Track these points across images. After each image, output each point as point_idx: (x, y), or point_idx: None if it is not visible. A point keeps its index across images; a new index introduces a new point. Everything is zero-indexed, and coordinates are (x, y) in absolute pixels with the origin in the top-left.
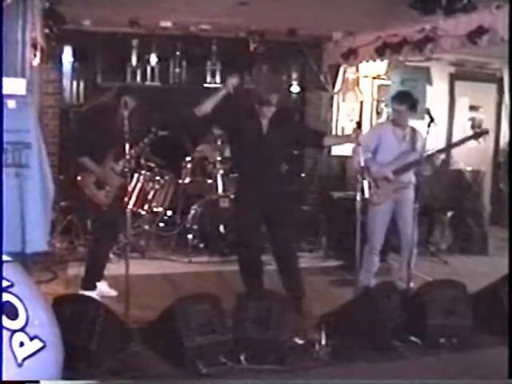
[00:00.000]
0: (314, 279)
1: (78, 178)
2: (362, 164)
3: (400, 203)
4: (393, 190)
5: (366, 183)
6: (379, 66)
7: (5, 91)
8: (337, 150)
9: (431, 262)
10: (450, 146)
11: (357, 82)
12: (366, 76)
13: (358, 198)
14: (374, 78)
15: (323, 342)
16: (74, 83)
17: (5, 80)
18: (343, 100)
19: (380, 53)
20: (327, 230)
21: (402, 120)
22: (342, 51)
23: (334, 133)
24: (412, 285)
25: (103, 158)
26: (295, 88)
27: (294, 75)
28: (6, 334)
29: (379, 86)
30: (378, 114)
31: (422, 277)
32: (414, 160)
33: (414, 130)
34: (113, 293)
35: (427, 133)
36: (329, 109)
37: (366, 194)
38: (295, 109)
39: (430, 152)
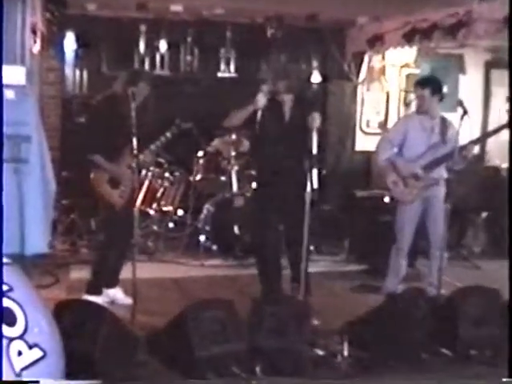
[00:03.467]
0: (334, 284)
1: (91, 175)
2: (386, 159)
3: (430, 202)
4: (422, 187)
5: (392, 181)
6: (407, 54)
7: (3, 80)
8: (361, 146)
9: (463, 267)
10: (484, 135)
11: (383, 71)
12: (393, 64)
13: (386, 197)
14: (402, 66)
15: (345, 353)
16: (77, 72)
17: (3, 68)
18: (368, 90)
19: (409, 39)
20: (349, 232)
21: (426, 107)
22: (367, 37)
23: (358, 126)
24: (442, 291)
25: (118, 154)
26: (316, 78)
27: (315, 64)
28: (3, 342)
29: (407, 76)
30: (406, 105)
31: (453, 283)
32: (444, 154)
33: (444, 121)
34: (128, 301)
35: (460, 126)
36: (352, 100)
37: (393, 193)
38: (316, 100)
39: (462, 144)
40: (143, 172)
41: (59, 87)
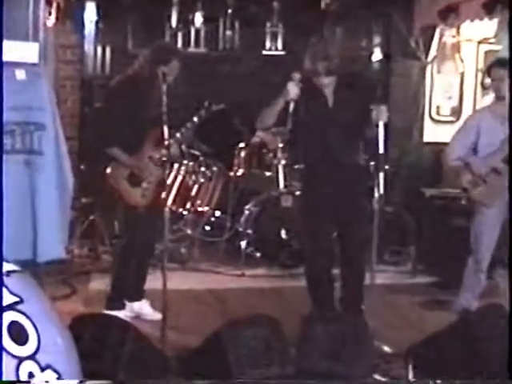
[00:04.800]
0: (399, 299)
1: (108, 171)
2: (457, 159)
3: None
4: (506, 184)
5: (469, 180)
6: (487, 27)
7: (13, 58)
8: (430, 136)
9: None
10: None
11: (457, 48)
12: (470, 40)
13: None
14: (480, 42)
15: (411, 379)
16: (99, 49)
17: (13, 44)
18: (439, 71)
19: (489, 9)
20: (417, 238)
21: (504, 92)
22: (439, 8)
23: (427, 113)
24: None
25: (139, 145)
26: (377, 55)
27: (377, 40)
28: (12, 363)
29: (486, 53)
30: (484, 88)
31: None
32: None
33: None
34: (157, 315)
35: None
36: (420, 82)
37: (472, 194)
38: (375, 80)
39: None
40: (175, 166)
41: (77, 67)
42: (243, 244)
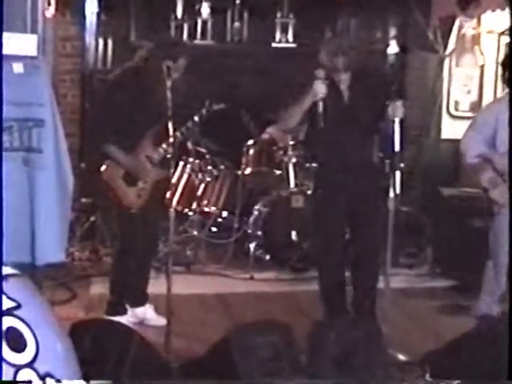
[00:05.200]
0: (415, 304)
1: (102, 168)
2: (477, 156)
3: None
4: None
5: (488, 179)
6: (508, 18)
7: (10, 51)
8: (448, 133)
9: None
10: None
11: (477, 40)
12: (491, 31)
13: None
14: (501, 33)
15: None
16: (100, 41)
17: (10, 36)
18: (458, 64)
19: None
20: (434, 239)
21: None
22: None
23: (444, 108)
24: None
25: (136, 143)
26: (393, 48)
27: (393, 31)
28: (9, 371)
29: (507, 45)
30: (505, 82)
31: None
32: None
33: None
34: (161, 321)
35: None
36: (438, 76)
37: (491, 193)
38: (390, 74)
39: None
40: (180, 164)
41: (78, 60)
42: (252, 246)
